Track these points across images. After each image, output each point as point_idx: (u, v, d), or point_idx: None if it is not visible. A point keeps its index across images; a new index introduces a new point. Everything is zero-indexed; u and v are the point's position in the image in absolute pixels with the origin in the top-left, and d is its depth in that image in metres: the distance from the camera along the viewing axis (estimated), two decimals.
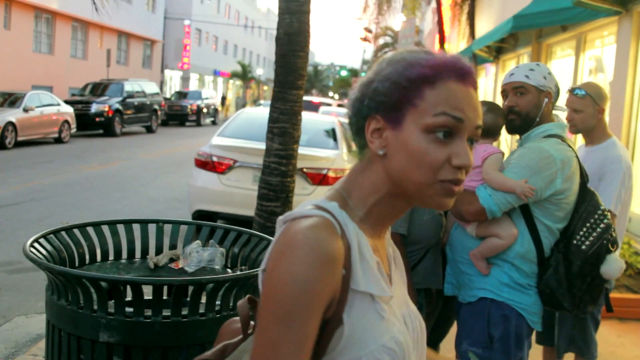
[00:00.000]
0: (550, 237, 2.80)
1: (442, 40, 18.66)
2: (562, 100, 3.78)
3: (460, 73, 1.17)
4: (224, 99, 49.87)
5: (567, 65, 10.84)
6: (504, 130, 3.02)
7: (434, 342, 3.63)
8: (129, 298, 2.60)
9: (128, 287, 2.53)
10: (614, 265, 2.77)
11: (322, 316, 1.09)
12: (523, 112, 2.88)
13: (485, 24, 17.43)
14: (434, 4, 24.18)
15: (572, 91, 3.81)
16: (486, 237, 2.85)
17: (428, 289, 3.29)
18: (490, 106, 2.99)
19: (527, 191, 2.66)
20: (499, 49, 15.32)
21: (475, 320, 2.87)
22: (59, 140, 20.63)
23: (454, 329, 3.22)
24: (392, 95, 1.18)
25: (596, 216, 2.78)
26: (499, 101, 3.10)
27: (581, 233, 2.76)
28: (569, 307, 2.80)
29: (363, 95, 1.22)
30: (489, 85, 18.24)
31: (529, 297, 2.81)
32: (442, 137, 1.14)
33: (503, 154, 2.91)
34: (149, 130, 27.91)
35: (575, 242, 2.77)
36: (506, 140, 10.10)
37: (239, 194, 7.47)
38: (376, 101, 1.19)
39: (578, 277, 2.76)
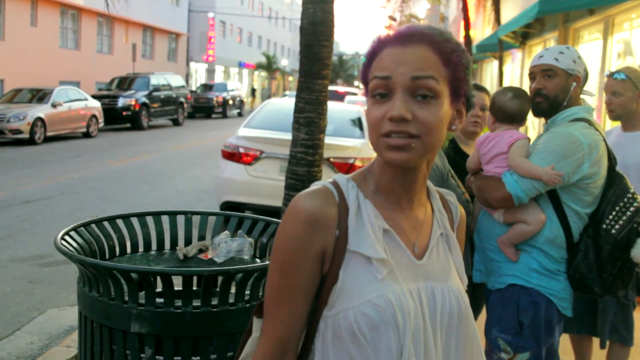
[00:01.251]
0: (579, 221, 2.78)
1: (467, 27, 18.49)
2: (591, 84, 3.74)
3: (399, 38, 1.27)
4: (253, 90, 50.37)
5: (595, 49, 10.68)
6: (530, 115, 2.99)
7: None
8: (159, 289, 2.63)
9: (158, 278, 2.55)
10: None
11: (316, 269, 1.28)
12: (551, 95, 2.84)
13: (511, 10, 17.24)
14: None
15: (611, 75, 3.75)
16: (514, 224, 2.83)
17: None
18: (516, 92, 2.96)
19: (554, 177, 2.64)
20: (525, 34, 15.16)
21: (505, 307, 2.86)
22: (87, 135, 20.86)
23: (483, 317, 3.21)
24: (362, 73, 1.35)
25: (625, 200, 2.75)
26: (526, 87, 3.06)
27: (610, 217, 2.73)
28: (600, 291, 2.77)
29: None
30: (515, 70, 18.06)
31: (558, 282, 2.79)
32: (378, 97, 1.27)
33: (529, 139, 2.89)
34: (176, 123, 28.10)
35: (604, 226, 2.74)
36: (533, 125, 10.00)
37: (266, 184, 7.49)
38: (362, 82, 1.36)
39: (608, 261, 2.73)
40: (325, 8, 5.57)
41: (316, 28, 5.55)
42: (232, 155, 7.81)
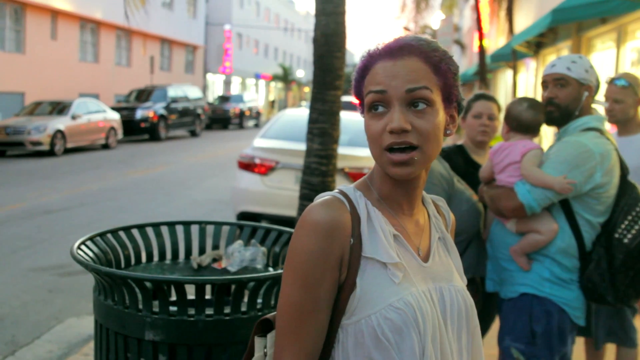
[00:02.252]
0: (591, 231, 2.78)
1: (481, 37, 18.48)
2: (604, 93, 3.74)
3: (389, 51, 1.31)
4: (273, 102, 50.79)
5: (608, 58, 10.64)
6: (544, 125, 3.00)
7: None
8: (173, 298, 2.66)
9: (172, 287, 2.58)
10: None
11: (336, 278, 1.29)
12: (562, 104, 2.85)
13: (524, 19, 17.21)
14: (472, 1, 23.97)
15: (612, 81, 3.75)
16: (526, 233, 2.84)
17: (471, 279, 3.27)
18: (531, 102, 2.97)
19: (566, 187, 2.65)
20: (538, 43, 15.12)
21: (518, 316, 2.86)
22: (106, 146, 21.06)
23: (496, 325, 3.21)
24: (355, 89, 1.39)
25: (638, 209, 2.75)
26: (539, 96, 3.07)
27: (622, 226, 2.73)
28: (613, 301, 2.77)
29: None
30: (529, 80, 18.00)
31: (571, 291, 2.79)
32: (375, 110, 1.31)
33: (542, 150, 2.89)
34: (193, 134, 28.29)
35: (617, 235, 2.74)
36: (546, 135, 9.96)
37: (281, 194, 7.53)
38: (356, 96, 1.40)
39: (621, 270, 2.72)
40: (337, 20, 5.62)
41: (329, 39, 5.60)
42: (248, 165, 7.86)
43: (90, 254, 2.97)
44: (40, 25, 24.85)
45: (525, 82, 18.75)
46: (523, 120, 2.91)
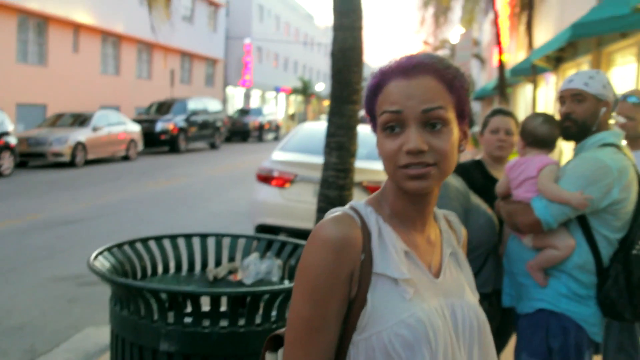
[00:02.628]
0: (608, 247, 2.76)
1: (500, 52, 18.45)
2: None
3: (403, 70, 1.30)
4: (293, 115, 51.15)
5: (628, 73, 10.57)
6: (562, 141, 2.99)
7: None
8: (188, 309, 2.68)
9: (187, 299, 2.60)
10: None
11: (346, 294, 1.28)
12: (579, 119, 2.83)
13: (544, 34, 17.14)
14: (491, 16, 23.95)
15: (624, 98, 3.72)
16: (543, 249, 2.82)
17: (491, 293, 3.25)
18: (546, 117, 2.96)
19: (583, 203, 2.63)
20: (558, 58, 15.05)
21: (534, 331, 2.84)
22: (126, 158, 21.24)
23: (513, 340, 3.19)
24: (367, 105, 1.38)
25: None
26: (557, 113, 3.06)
27: None
28: (631, 317, 2.74)
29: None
30: (549, 94, 17.91)
31: (588, 308, 2.76)
32: (390, 131, 1.30)
33: (558, 165, 2.88)
34: (213, 146, 28.45)
35: (634, 252, 2.71)
36: (562, 151, 9.88)
37: (299, 207, 7.53)
38: (368, 114, 1.39)
39: (639, 287, 2.70)
40: (355, 35, 5.65)
41: (346, 54, 5.63)
42: (266, 178, 7.88)
43: (108, 264, 3.00)
44: (63, 38, 25.18)
45: (545, 96, 18.66)
46: (538, 135, 2.91)
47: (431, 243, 1.42)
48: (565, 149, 10.38)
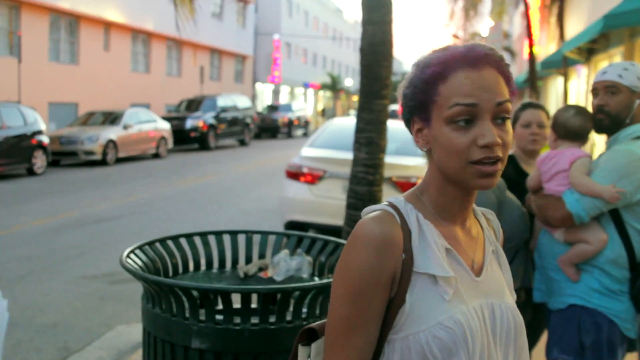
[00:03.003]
0: None
1: (531, 44, 18.23)
2: None
3: (470, 61, 1.26)
4: (323, 111, 51.41)
5: None
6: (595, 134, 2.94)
7: None
8: (220, 306, 2.69)
9: (218, 296, 2.62)
10: None
11: (387, 294, 1.27)
12: (613, 112, 2.79)
13: (575, 25, 16.91)
14: (522, 8, 23.67)
15: None
16: (574, 243, 2.79)
17: (517, 289, 3.23)
18: (578, 110, 2.93)
19: (616, 196, 2.59)
20: (590, 49, 14.83)
21: (566, 327, 2.81)
22: (156, 156, 21.42)
23: (545, 336, 3.16)
24: (416, 98, 1.32)
25: None
26: (590, 103, 3.02)
27: None
28: None
29: (402, 102, 1.37)
30: (581, 87, 17.68)
31: (620, 303, 2.72)
32: (462, 124, 1.25)
33: (591, 158, 2.84)
34: (242, 143, 28.57)
35: None
36: (594, 144, 9.75)
37: (329, 204, 7.53)
38: (409, 106, 1.34)
39: None
40: (384, 29, 5.62)
41: (375, 49, 5.60)
42: (295, 175, 7.89)
43: (139, 262, 3.03)
44: (94, 37, 25.47)
45: (577, 89, 18.42)
46: (570, 128, 2.87)
47: (473, 239, 1.39)
48: (597, 141, 10.23)
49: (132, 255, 3.02)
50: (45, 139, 16.42)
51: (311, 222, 7.78)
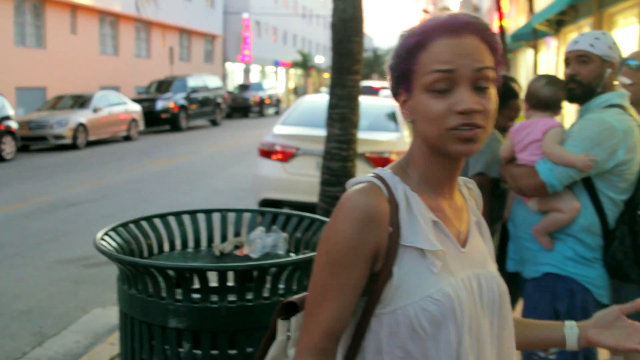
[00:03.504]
0: (614, 208, 2.74)
1: (500, 17, 18.28)
2: None
3: (451, 28, 1.25)
4: (295, 89, 51.31)
5: (630, 34, 10.47)
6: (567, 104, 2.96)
7: None
8: (196, 285, 2.68)
9: (195, 275, 2.60)
10: None
11: (368, 268, 1.26)
12: (585, 81, 2.80)
13: None
14: None
15: (624, 62, 3.62)
16: (548, 212, 2.81)
17: None
18: (550, 79, 2.94)
19: (588, 164, 2.61)
20: (559, 21, 14.94)
21: (541, 295, 2.84)
22: (127, 138, 21.22)
23: (519, 305, 3.19)
24: (399, 68, 1.31)
25: None
26: (562, 75, 3.02)
27: None
28: (637, 278, 2.74)
29: (389, 75, 1.36)
30: (550, 59, 17.81)
31: (594, 270, 2.76)
32: (440, 91, 1.24)
33: (563, 127, 2.86)
34: (214, 123, 28.40)
35: None
36: (568, 114, 9.84)
37: (302, 181, 7.52)
38: (394, 77, 1.34)
39: None
40: (355, 4, 5.60)
41: (346, 24, 5.58)
42: (268, 153, 7.86)
43: (114, 244, 3.00)
44: (60, 20, 25.03)
45: (547, 61, 18.55)
46: (542, 97, 2.88)
47: (458, 210, 1.38)
48: (569, 111, 10.34)
49: (106, 238, 2.99)
50: (13, 125, 16.16)
51: (285, 199, 7.76)
